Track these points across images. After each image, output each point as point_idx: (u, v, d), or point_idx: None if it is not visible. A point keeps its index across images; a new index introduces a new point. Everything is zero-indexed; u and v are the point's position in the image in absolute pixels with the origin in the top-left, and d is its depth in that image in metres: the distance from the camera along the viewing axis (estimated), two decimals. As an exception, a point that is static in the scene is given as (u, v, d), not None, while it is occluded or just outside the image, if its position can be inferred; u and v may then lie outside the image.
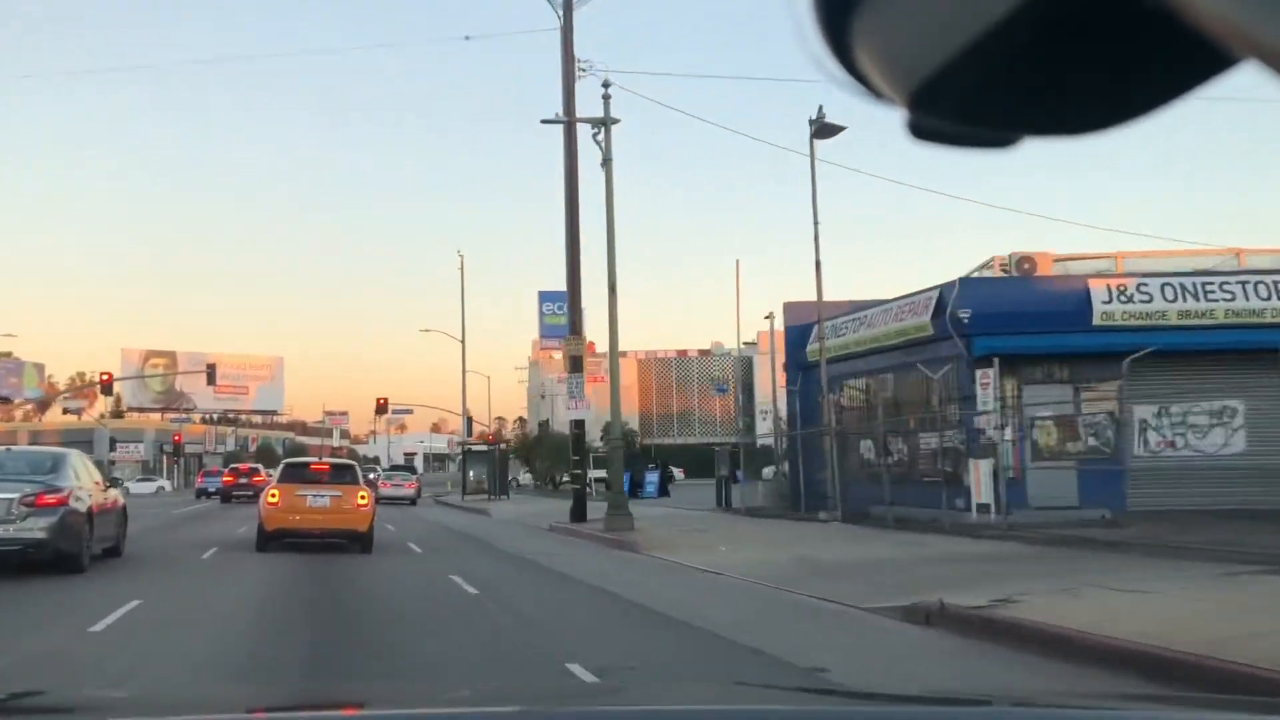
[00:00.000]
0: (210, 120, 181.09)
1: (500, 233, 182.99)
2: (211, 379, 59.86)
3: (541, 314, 47.87)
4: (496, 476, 46.22)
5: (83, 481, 14.52)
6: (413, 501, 45.09)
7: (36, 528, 12.89)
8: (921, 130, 0.72)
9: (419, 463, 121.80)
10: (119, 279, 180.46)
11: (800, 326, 27.51)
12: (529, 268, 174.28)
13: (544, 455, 58.87)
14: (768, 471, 30.65)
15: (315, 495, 17.83)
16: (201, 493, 51.81)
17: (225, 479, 46.39)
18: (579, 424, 25.79)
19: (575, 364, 25.35)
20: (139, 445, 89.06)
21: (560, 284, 24.90)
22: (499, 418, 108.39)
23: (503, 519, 32.72)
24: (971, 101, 0.68)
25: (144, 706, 2.77)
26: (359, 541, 17.65)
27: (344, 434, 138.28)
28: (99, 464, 20.28)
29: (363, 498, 18.08)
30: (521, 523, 29.62)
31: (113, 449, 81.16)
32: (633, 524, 21.61)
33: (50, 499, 13.20)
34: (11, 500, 12.89)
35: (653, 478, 37.54)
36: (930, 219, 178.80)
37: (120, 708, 2.71)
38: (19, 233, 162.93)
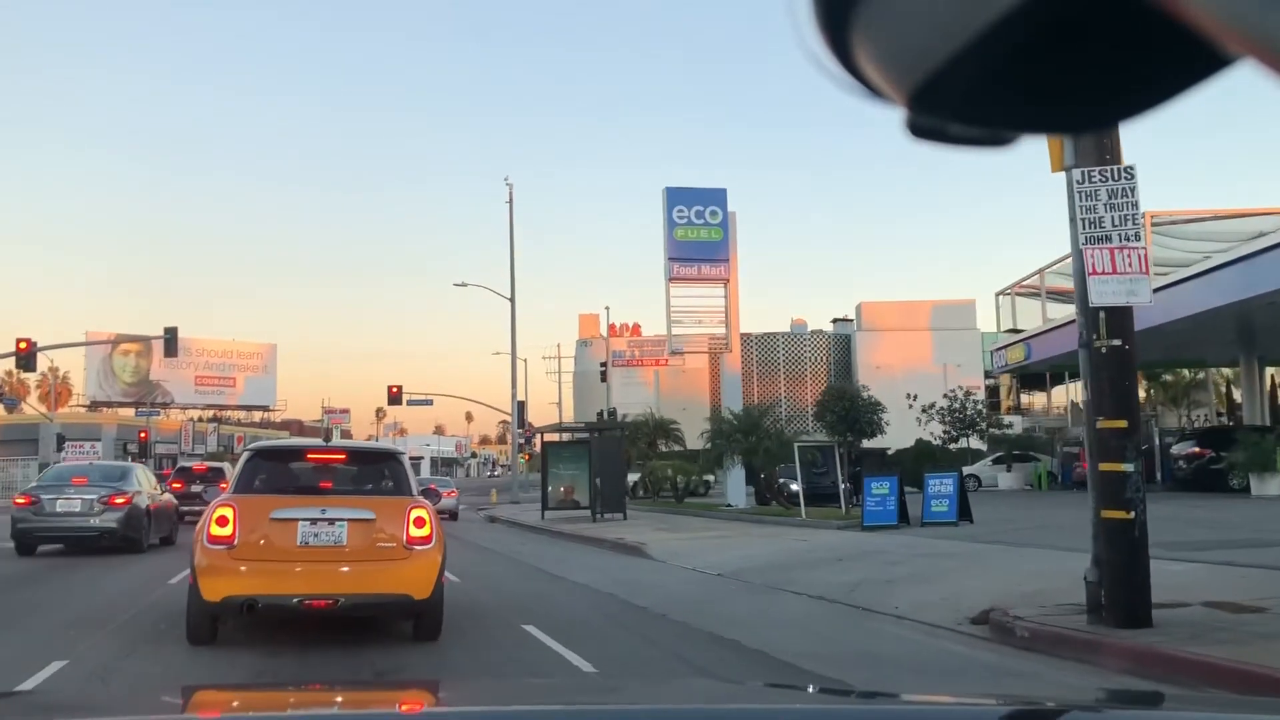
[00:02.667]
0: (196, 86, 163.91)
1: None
2: (172, 348, 42.89)
3: (671, 223, 29.70)
4: (603, 483, 29.08)
5: (144, 486, 19.69)
6: (453, 515, 33.57)
7: (111, 519, 18.28)
8: (920, 129, 0.71)
9: (425, 468, 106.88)
10: (92, 259, 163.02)
11: None
12: (554, 250, 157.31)
13: (640, 446, 41.09)
14: None
15: (317, 520, 8.48)
16: (150, 506, 36.11)
17: (170, 488, 28.90)
18: (1119, 319, 8.27)
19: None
20: (96, 445, 72.16)
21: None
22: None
23: (697, 567, 15.96)
24: (970, 101, 0.67)
25: (140, 706, 2.70)
26: (413, 616, 8.85)
27: (345, 434, 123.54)
28: (43, 466, 25.53)
29: (419, 522, 8.74)
30: (813, 596, 13.05)
31: (60, 448, 63.28)
32: None
33: (120, 499, 18.50)
34: (93, 499, 18.36)
35: (944, 483, 19.52)
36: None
37: (114, 707, 2.64)
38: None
